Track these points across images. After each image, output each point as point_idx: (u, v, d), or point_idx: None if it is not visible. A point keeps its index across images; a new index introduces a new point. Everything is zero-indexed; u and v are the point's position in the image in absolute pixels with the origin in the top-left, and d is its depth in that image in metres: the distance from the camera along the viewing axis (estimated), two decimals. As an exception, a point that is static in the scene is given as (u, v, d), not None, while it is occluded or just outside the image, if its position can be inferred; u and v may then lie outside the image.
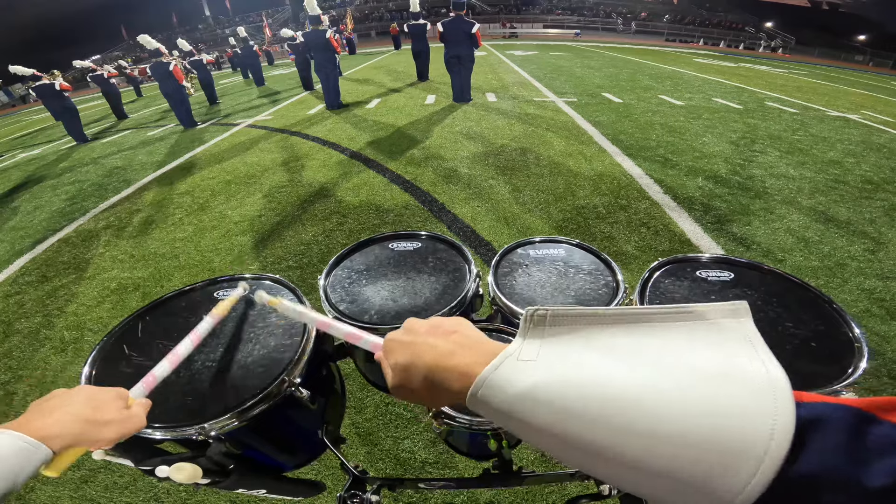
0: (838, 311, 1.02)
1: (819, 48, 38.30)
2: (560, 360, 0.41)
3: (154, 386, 0.78)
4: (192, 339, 0.88)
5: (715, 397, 0.34)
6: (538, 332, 0.44)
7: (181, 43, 12.98)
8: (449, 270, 1.28)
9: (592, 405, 0.36)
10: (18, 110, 28.84)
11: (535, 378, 0.40)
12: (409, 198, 4.57)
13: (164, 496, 1.97)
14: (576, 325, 0.44)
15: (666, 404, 0.34)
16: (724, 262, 1.21)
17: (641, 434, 0.34)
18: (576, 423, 0.36)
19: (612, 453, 0.35)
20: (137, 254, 4.03)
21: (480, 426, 1.01)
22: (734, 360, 0.36)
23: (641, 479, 0.34)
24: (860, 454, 0.30)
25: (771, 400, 0.32)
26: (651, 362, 0.38)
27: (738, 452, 0.31)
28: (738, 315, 0.40)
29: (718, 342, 0.39)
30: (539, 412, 0.38)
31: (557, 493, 1.86)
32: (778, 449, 0.30)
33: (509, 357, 0.43)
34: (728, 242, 3.56)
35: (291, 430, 1.14)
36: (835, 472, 0.29)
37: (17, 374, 2.75)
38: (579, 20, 44.66)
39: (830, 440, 0.31)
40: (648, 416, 0.34)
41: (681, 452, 0.32)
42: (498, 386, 0.41)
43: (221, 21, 54.98)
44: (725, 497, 0.30)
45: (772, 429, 0.31)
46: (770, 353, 0.37)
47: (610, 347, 0.41)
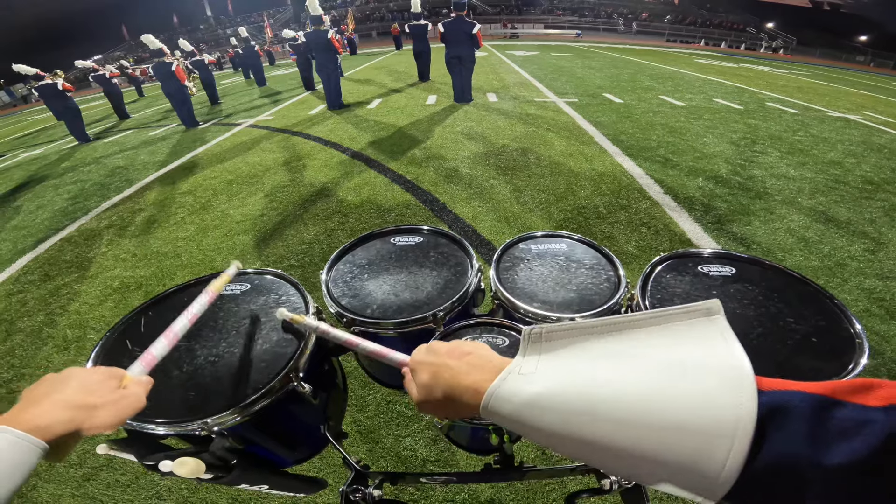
0: (839, 307, 1.02)
1: (820, 49, 38.24)
2: (556, 369, 0.47)
3: (154, 364, 0.75)
4: (188, 316, 0.87)
5: (692, 389, 0.38)
6: (536, 348, 0.51)
7: (183, 43, 12.99)
8: (451, 265, 1.29)
9: (587, 405, 0.42)
10: (20, 110, 28.88)
11: (535, 388, 0.46)
12: (410, 197, 4.57)
13: (167, 494, 1.97)
14: (568, 338, 0.50)
15: (651, 398, 0.39)
16: (726, 258, 1.21)
17: (633, 425, 0.39)
18: (575, 423, 0.41)
19: (610, 445, 0.39)
20: (140, 253, 4.03)
21: (482, 421, 1.01)
22: (708, 354, 0.41)
23: (638, 467, 0.39)
24: (820, 438, 0.32)
25: (738, 387, 0.37)
26: (636, 363, 0.44)
27: (713, 435, 0.35)
28: (712, 313, 0.45)
29: (695, 339, 0.44)
30: (543, 416, 0.44)
31: (558, 490, 1.86)
32: (744, 431, 0.34)
33: (511, 373, 0.50)
34: (728, 242, 3.56)
35: (294, 425, 1.15)
36: (796, 457, 0.32)
37: (20, 373, 2.76)
38: (580, 21, 44.60)
39: (791, 428, 0.34)
40: (637, 410, 0.39)
41: (668, 438, 0.37)
42: (504, 398, 0.48)
43: (223, 21, 55.04)
44: (710, 475, 0.34)
45: (737, 413, 0.35)
46: (739, 345, 0.41)
47: (599, 354, 0.47)
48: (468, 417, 0.56)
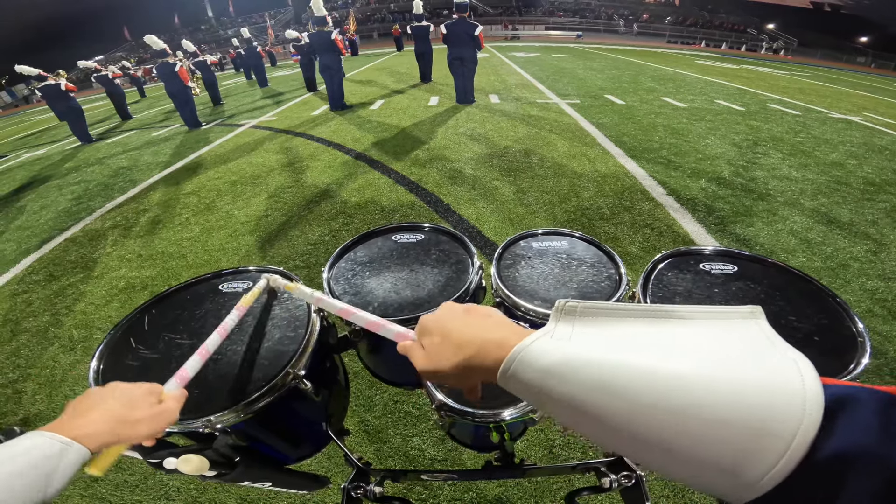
0: (841, 305, 1.02)
1: (821, 50, 38.17)
2: (592, 341, 0.43)
3: (188, 380, 0.80)
4: (220, 333, 0.89)
5: (744, 377, 0.34)
6: (569, 319, 0.46)
7: (186, 44, 13.03)
8: (452, 262, 1.29)
9: (623, 380, 0.37)
10: (22, 110, 28.98)
11: (567, 353, 0.42)
12: (414, 198, 4.58)
13: (175, 494, 1.98)
14: (604, 316, 0.45)
15: (696, 382, 0.35)
16: (728, 256, 1.22)
17: (671, 410, 0.35)
18: (607, 398, 0.38)
19: (641, 428, 0.36)
20: (145, 253, 4.05)
21: (483, 419, 1.02)
22: (759, 347, 0.38)
23: (666, 456, 0.35)
24: (890, 434, 0.29)
25: (798, 379, 0.33)
26: (680, 346, 0.40)
27: (768, 433, 0.31)
28: (756, 316, 0.42)
29: (742, 335, 0.40)
30: (571, 385, 0.40)
31: (566, 488, 1.86)
32: (809, 427, 0.30)
33: (545, 334, 0.45)
34: (731, 243, 3.57)
35: (296, 423, 1.15)
36: (865, 450, 0.29)
37: (26, 373, 2.77)
38: (581, 22, 44.62)
39: (860, 419, 0.31)
40: (679, 394, 0.35)
41: (708, 431, 0.33)
42: (532, 359, 0.43)
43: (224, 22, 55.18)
44: (750, 476, 0.31)
45: (803, 407, 0.31)
46: (791, 346, 0.37)
47: (640, 334, 0.43)
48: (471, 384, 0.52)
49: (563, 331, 0.45)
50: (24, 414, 2.44)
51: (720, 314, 0.43)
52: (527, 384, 0.43)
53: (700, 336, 0.41)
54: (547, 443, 2.06)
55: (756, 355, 0.37)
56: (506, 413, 1.02)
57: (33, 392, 2.60)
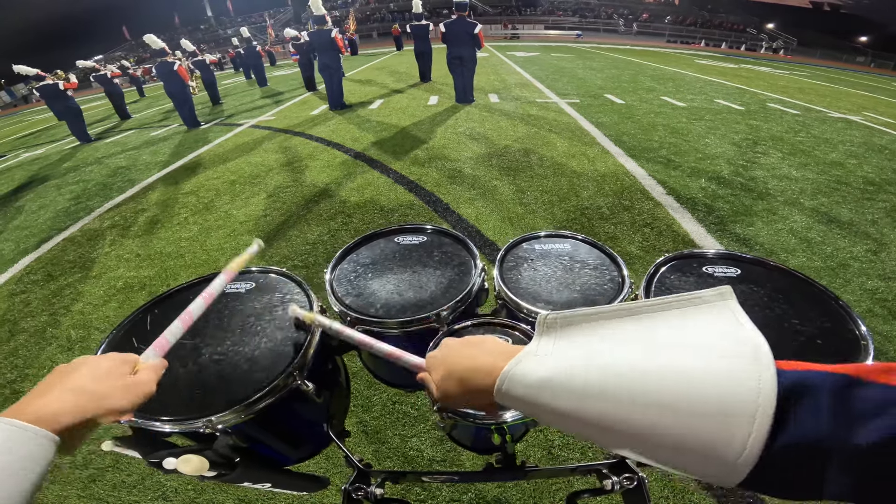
0: (844, 308, 1.02)
1: (821, 49, 38.21)
2: (572, 351, 0.47)
3: (168, 348, 0.73)
4: (205, 297, 0.87)
5: (705, 367, 0.38)
6: (551, 333, 0.51)
7: (185, 43, 13.01)
8: (454, 264, 1.29)
9: (602, 385, 0.41)
10: (20, 110, 28.93)
11: (551, 368, 0.46)
12: (413, 198, 4.58)
13: (173, 495, 1.97)
14: (584, 323, 0.50)
15: (666, 378, 0.39)
16: (730, 259, 1.21)
17: (648, 405, 0.38)
18: (591, 403, 0.41)
19: (624, 426, 0.39)
20: (143, 253, 4.04)
21: (483, 420, 1.02)
22: (722, 334, 0.41)
23: (653, 448, 0.38)
24: (847, 416, 0.31)
25: (755, 364, 0.36)
26: (651, 345, 0.43)
27: (731, 414, 0.34)
28: (724, 297, 0.45)
29: (708, 321, 0.43)
30: (558, 397, 0.44)
31: (565, 490, 1.86)
32: (765, 408, 0.33)
33: (528, 354, 0.50)
34: (731, 243, 3.56)
35: (297, 424, 1.15)
36: (822, 435, 0.31)
37: (24, 373, 2.77)
38: (581, 21, 44.62)
39: (816, 404, 0.33)
40: (653, 389, 0.39)
41: (682, 418, 0.36)
42: (519, 378, 0.48)
43: (223, 21, 55.14)
44: (728, 458, 0.34)
45: (758, 389, 0.34)
46: (754, 326, 0.41)
47: (614, 337, 0.46)
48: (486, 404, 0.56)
49: (545, 346, 0.50)
50: (22, 414, 2.43)
51: (688, 301, 0.46)
52: (518, 400, 0.48)
53: (669, 329, 0.45)
54: (546, 444, 2.05)
55: (720, 343, 0.40)
56: (507, 415, 1.01)
57: (32, 392, 2.59)
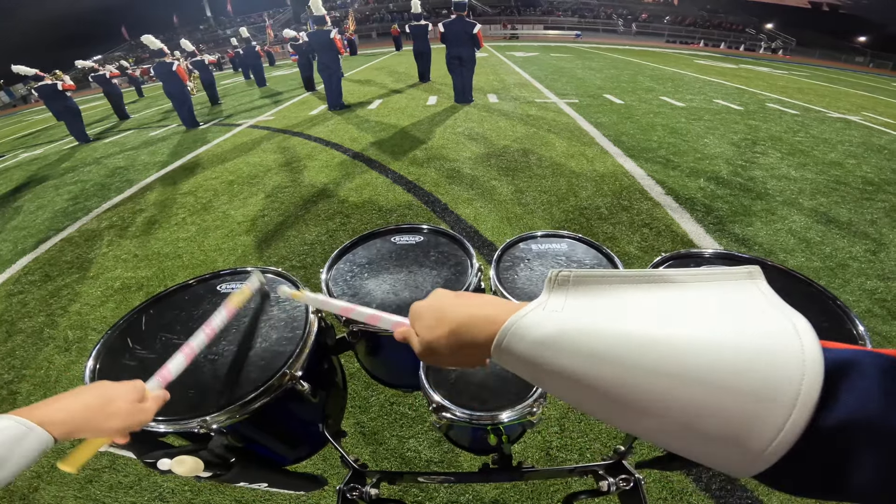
0: (842, 308, 1.02)
1: (819, 49, 38.26)
2: (586, 310, 0.42)
3: (170, 380, 0.79)
4: (207, 332, 0.89)
5: (742, 342, 0.33)
6: (562, 290, 0.45)
7: (184, 43, 13.02)
8: (451, 264, 1.29)
9: (619, 348, 0.37)
10: (20, 110, 28.90)
11: (561, 325, 0.41)
12: (411, 198, 4.57)
13: (169, 496, 1.97)
14: (598, 285, 0.44)
15: (694, 346, 0.34)
16: (727, 258, 1.21)
17: (670, 375, 0.34)
18: (604, 367, 0.37)
19: (640, 397, 0.35)
20: (141, 253, 4.03)
21: (480, 421, 1.01)
22: (757, 310, 0.36)
23: (668, 426, 0.34)
24: (894, 398, 0.29)
25: (797, 343, 0.32)
26: (677, 310, 0.38)
27: (769, 398, 0.30)
28: (754, 277, 0.40)
29: (740, 297, 0.38)
30: (566, 357, 0.39)
31: (562, 491, 1.86)
32: (809, 392, 0.29)
33: (537, 306, 0.44)
34: (730, 243, 3.56)
35: (292, 424, 1.15)
36: (870, 414, 0.29)
37: (21, 374, 2.76)
38: (580, 21, 44.64)
39: (862, 385, 0.30)
40: (677, 357, 0.34)
41: (709, 396, 0.32)
42: (525, 331, 0.43)
43: (223, 22, 55.11)
44: (756, 444, 0.30)
45: (802, 371, 0.30)
46: (790, 307, 0.36)
47: (635, 300, 0.41)
48: (476, 364, 0.51)
49: (555, 302, 0.44)
50: (19, 415, 2.42)
51: (718, 276, 0.41)
52: (521, 357, 0.43)
53: (697, 300, 0.39)
54: (544, 445, 2.05)
55: (754, 318, 0.35)
56: (504, 415, 1.01)
57: (28, 393, 2.58)
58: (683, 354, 0.34)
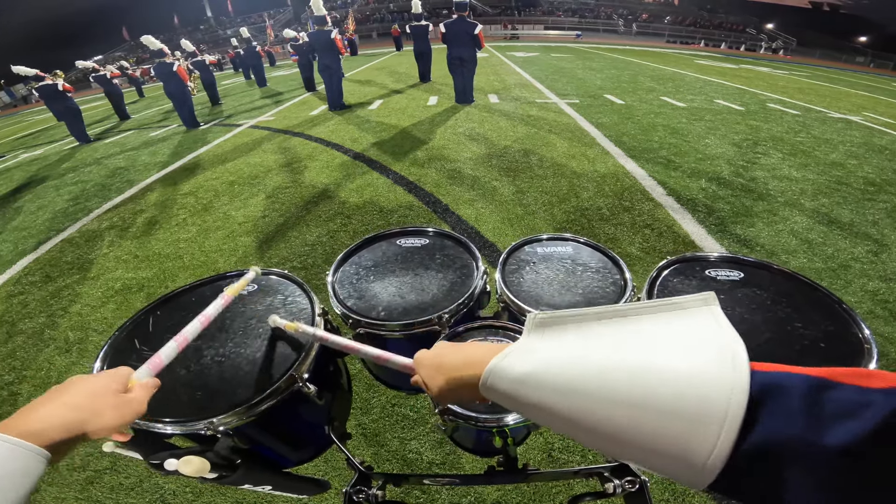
0: (847, 312, 1.01)
1: (820, 49, 38.24)
2: (555, 350, 0.48)
3: (161, 368, 0.74)
4: (201, 320, 0.88)
5: (679, 369, 0.38)
6: (539, 331, 0.52)
7: (185, 43, 13.02)
8: (456, 267, 1.29)
9: (578, 381, 0.43)
10: (20, 110, 28.89)
11: (533, 365, 0.47)
12: (412, 199, 4.57)
13: (171, 497, 1.96)
14: (571, 323, 0.51)
15: (639, 377, 0.39)
16: (733, 262, 1.21)
17: (619, 402, 0.39)
18: (568, 398, 0.43)
19: (598, 422, 0.40)
20: (141, 254, 4.03)
21: (485, 423, 1.01)
22: (701, 338, 0.41)
23: (625, 446, 0.39)
24: (818, 418, 0.31)
25: (730, 368, 0.36)
26: (630, 344, 0.44)
27: (701, 417, 0.34)
28: (708, 302, 0.46)
29: (689, 324, 0.44)
30: (538, 392, 0.45)
31: (565, 493, 1.86)
32: (735, 411, 0.33)
33: (514, 350, 0.51)
34: (732, 244, 3.56)
35: (298, 426, 1.15)
36: (789, 438, 0.31)
37: (21, 375, 2.76)
38: (580, 22, 44.62)
39: (785, 407, 0.33)
40: (624, 387, 0.39)
41: (652, 417, 0.37)
42: (504, 372, 0.49)
43: (223, 22, 55.09)
44: (697, 460, 0.34)
45: (729, 395, 0.34)
46: (734, 330, 0.41)
47: (598, 337, 0.48)
48: (474, 400, 0.58)
49: (532, 342, 0.51)
50: (22, 416, 2.42)
51: (670, 306, 0.47)
52: (503, 393, 0.50)
53: (649, 333, 0.45)
54: (546, 447, 2.05)
55: (698, 345, 0.40)
56: (509, 417, 1.01)
57: (28, 394, 2.58)
58: (630, 384, 0.39)
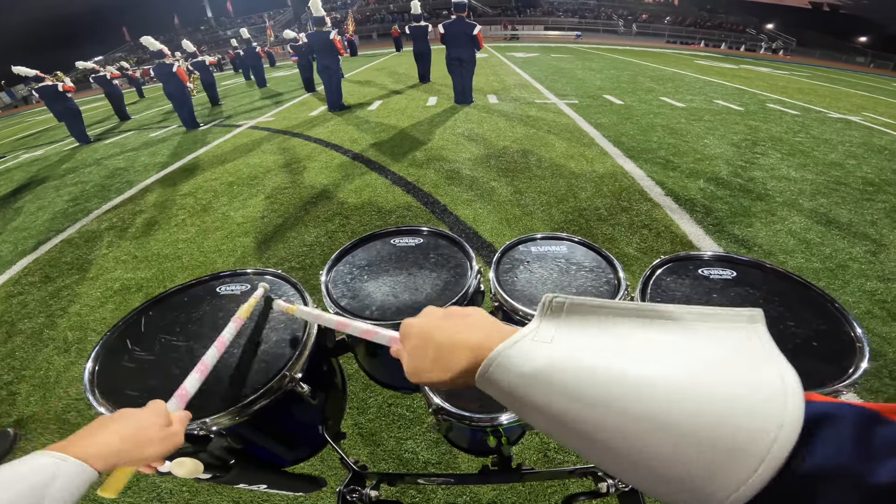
0: (840, 311, 1.02)
1: (820, 50, 38.24)
2: (576, 344, 0.41)
3: (188, 399, 0.81)
4: (218, 346, 0.90)
5: (723, 393, 0.33)
6: (555, 317, 0.45)
7: (186, 44, 13.02)
8: (450, 266, 1.29)
9: (601, 389, 0.36)
10: (21, 111, 28.93)
11: (549, 360, 0.40)
12: (411, 199, 4.57)
13: (167, 496, 1.96)
14: (592, 315, 0.44)
15: (674, 393, 0.34)
16: (726, 261, 1.21)
17: (645, 419, 0.33)
18: (585, 408, 0.36)
19: (614, 438, 0.34)
20: (140, 255, 4.04)
21: (479, 423, 1.01)
22: (748, 358, 0.36)
23: (639, 469, 0.34)
24: (867, 451, 0.29)
25: (781, 402, 0.31)
26: (663, 354, 0.38)
27: (740, 450, 0.30)
28: (754, 321, 0.39)
29: (733, 344, 0.38)
30: (550, 393, 0.38)
31: (560, 492, 1.86)
32: (781, 448, 0.29)
33: (525, 337, 0.43)
34: (730, 244, 3.56)
35: (292, 425, 1.15)
36: (839, 468, 0.29)
37: (20, 375, 2.76)
38: (580, 22, 44.64)
39: (837, 437, 0.30)
40: (656, 403, 0.34)
41: (682, 444, 0.32)
42: (511, 363, 0.41)
43: (223, 22, 55.15)
44: (716, 495, 0.30)
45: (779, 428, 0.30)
46: (784, 358, 0.36)
47: (623, 338, 0.41)
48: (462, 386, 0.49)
49: (546, 331, 0.43)
50: (17, 416, 2.43)
51: (716, 317, 0.40)
52: (504, 388, 0.42)
53: (689, 341, 0.39)
54: (541, 446, 2.05)
55: (743, 367, 0.35)
56: (503, 417, 1.01)
57: (27, 394, 2.58)
58: (662, 401, 0.34)
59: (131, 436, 0.64)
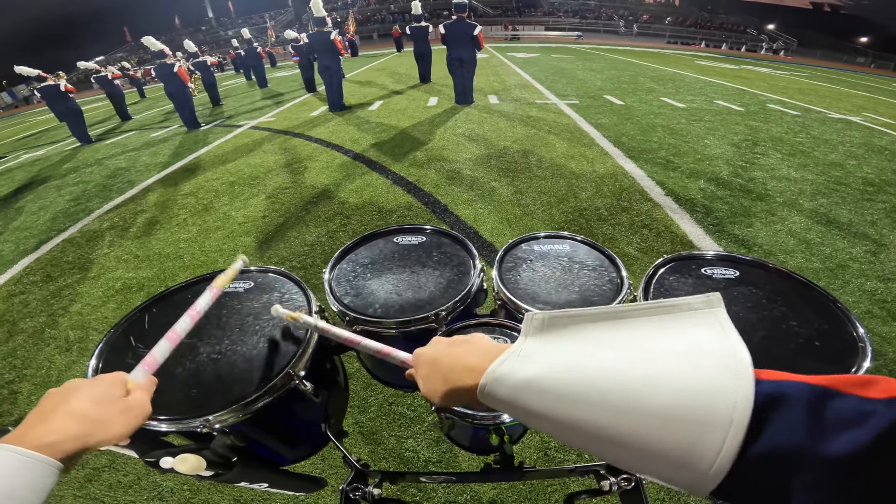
0: (842, 311, 1.02)
1: (821, 50, 38.23)
2: (555, 353, 0.47)
3: (156, 366, 0.73)
4: (192, 315, 0.86)
5: (684, 375, 0.38)
6: (538, 333, 0.51)
7: (187, 44, 13.04)
8: (453, 265, 1.29)
9: (581, 389, 0.41)
10: (22, 111, 28.94)
11: (534, 370, 0.46)
12: (412, 199, 4.58)
13: (168, 495, 1.97)
14: (571, 324, 0.50)
15: (643, 384, 0.39)
16: (729, 260, 1.21)
17: (623, 410, 0.38)
18: (569, 407, 0.41)
19: (601, 431, 0.39)
20: (142, 254, 4.04)
21: (482, 421, 1.01)
22: (705, 343, 0.41)
23: (629, 453, 0.38)
24: (820, 428, 0.31)
25: (733, 376, 0.36)
26: (632, 349, 0.43)
27: (706, 423, 0.34)
28: (712, 305, 0.44)
29: (693, 328, 0.43)
30: (539, 399, 0.44)
31: (560, 491, 1.86)
32: (740, 419, 0.33)
33: (512, 354, 0.50)
34: (730, 244, 3.56)
35: (295, 423, 1.15)
36: (795, 446, 0.31)
37: (22, 374, 2.76)
38: (581, 22, 44.65)
39: (790, 416, 0.33)
40: (627, 396, 0.38)
41: (654, 425, 0.36)
42: (502, 378, 0.48)
43: (224, 23, 55.17)
44: (700, 468, 0.34)
45: (734, 400, 0.34)
46: (738, 335, 0.40)
47: (598, 340, 0.46)
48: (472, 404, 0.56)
49: (530, 346, 0.49)
50: (19, 414, 2.43)
51: (674, 307, 0.46)
52: (502, 401, 0.48)
53: (649, 335, 0.44)
54: (542, 445, 2.05)
55: (702, 351, 0.40)
56: (505, 415, 1.01)
57: (29, 393, 2.59)
58: (635, 392, 0.38)
59: (89, 415, 0.56)
